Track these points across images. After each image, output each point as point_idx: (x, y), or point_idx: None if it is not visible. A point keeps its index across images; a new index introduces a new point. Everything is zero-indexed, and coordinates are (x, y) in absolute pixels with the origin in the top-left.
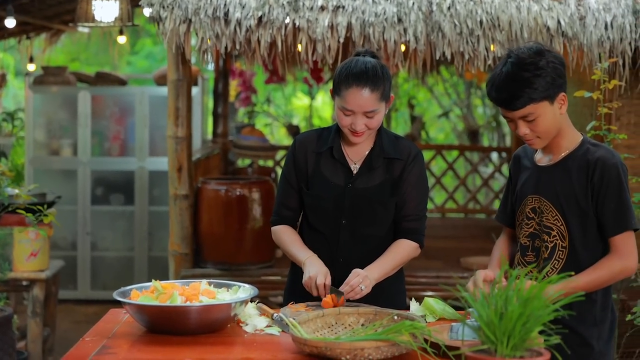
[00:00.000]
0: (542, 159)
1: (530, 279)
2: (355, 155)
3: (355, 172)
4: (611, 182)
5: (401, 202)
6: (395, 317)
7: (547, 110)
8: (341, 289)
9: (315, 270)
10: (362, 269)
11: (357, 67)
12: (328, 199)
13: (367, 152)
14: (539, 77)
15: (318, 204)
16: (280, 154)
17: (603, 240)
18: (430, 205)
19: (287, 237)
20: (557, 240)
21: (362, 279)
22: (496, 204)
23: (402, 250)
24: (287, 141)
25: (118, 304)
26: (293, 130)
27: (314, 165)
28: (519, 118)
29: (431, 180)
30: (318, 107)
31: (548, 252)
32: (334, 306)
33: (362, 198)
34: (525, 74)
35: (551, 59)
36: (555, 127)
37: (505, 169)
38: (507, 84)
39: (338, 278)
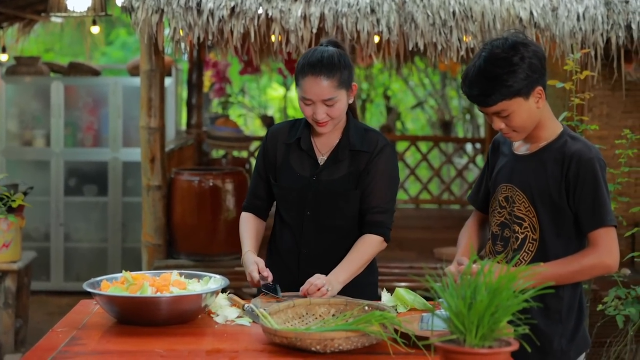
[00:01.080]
0: (520, 148)
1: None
2: (324, 147)
3: (322, 163)
4: (587, 177)
5: (366, 193)
6: (366, 308)
7: (522, 105)
8: (303, 287)
9: (248, 263)
10: (326, 260)
11: (313, 56)
12: (293, 191)
13: (335, 144)
14: (511, 74)
15: (284, 195)
16: (255, 145)
17: (579, 236)
18: (404, 196)
19: (244, 225)
20: (528, 232)
21: (325, 282)
22: None
23: (367, 247)
24: (262, 132)
25: (90, 295)
26: (267, 121)
27: (283, 157)
28: (493, 114)
29: (405, 171)
30: (293, 97)
31: (518, 243)
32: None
33: (325, 190)
34: (497, 71)
35: (526, 53)
36: (531, 121)
37: (479, 159)
38: (478, 80)
39: (303, 269)
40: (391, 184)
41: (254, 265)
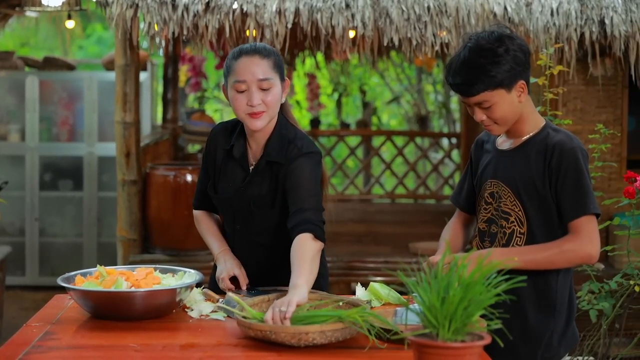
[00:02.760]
0: (503, 143)
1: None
2: (255, 155)
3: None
4: (569, 167)
5: (288, 202)
6: (340, 303)
7: (504, 98)
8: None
9: (220, 269)
10: (261, 273)
11: (245, 45)
12: (223, 202)
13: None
14: (495, 65)
15: (218, 205)
16: None
17: (564, 229)
18: (380, 191)
19: (204, 225)
20: (515, 226)
21: (285, 305)
22: (446, 190)
23: (300, 248)
24: None
25: (65, 290)
26: None
27: (222, 162)
28: (475, 104)
29: (381, 166)
30: None
31: (505, 238)
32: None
33: (246, 204)
34: (481, 61)
35: (512, 46)
36: (513, 114)
37: (455, 154)
38: (462, 70)
39: (248, 275)
40: (310, 185)
41: (230, 269)
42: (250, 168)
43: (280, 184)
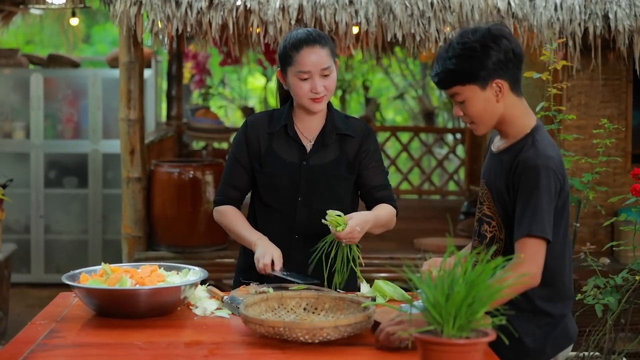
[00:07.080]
0: (496, 144)
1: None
2: (309, 133)
3: (309, 149)
4: (527, 184)
5: (367, 176)
6: (338, 300)
7: (477, 95)
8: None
9: (261, 252)
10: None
11: (300, 32)
12: (283, 177)
13: (320, 130)
14: (466, 60)
15: (273, 182)
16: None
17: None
18: None
19: (234, 218)
20: (495, 231)
21: (355, 227)
22: (451, 185)
23: (384, 210)
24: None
25: (70, 287)
26: (248, 112)
27: (267, 145)
28: (451, 97)
29: (386, 162)
30: (274, 88)
31: (487, 241)
32: None
33: (317, 174)
34: (453, 54)
35: (493, 45)
36: (489, 114)
37: (460, 149)
38: (439, 62)
39: (295, 255)
40: (382, 163)
41: (270, 255)
42: (308, 144)
43: (357, 156)
